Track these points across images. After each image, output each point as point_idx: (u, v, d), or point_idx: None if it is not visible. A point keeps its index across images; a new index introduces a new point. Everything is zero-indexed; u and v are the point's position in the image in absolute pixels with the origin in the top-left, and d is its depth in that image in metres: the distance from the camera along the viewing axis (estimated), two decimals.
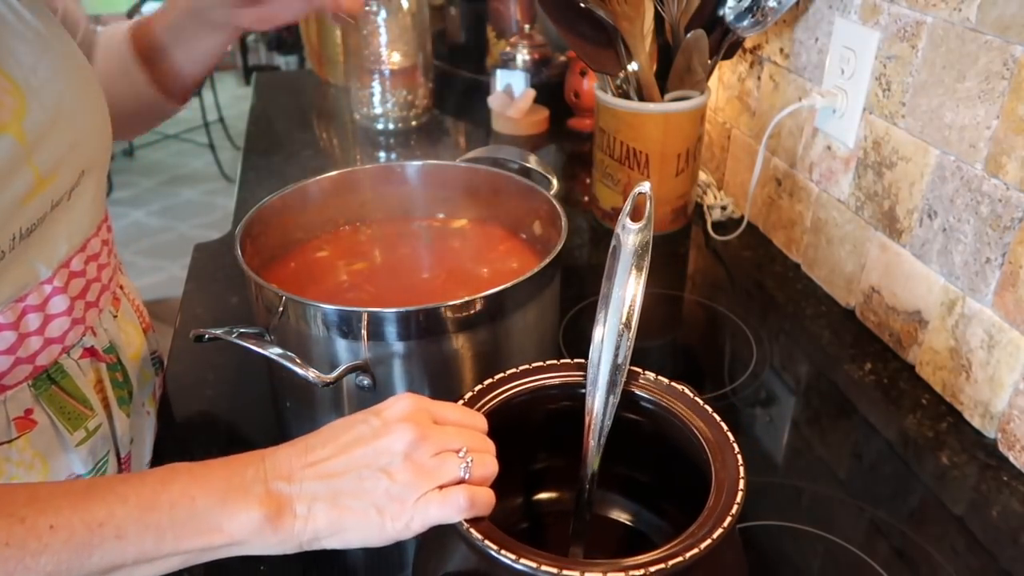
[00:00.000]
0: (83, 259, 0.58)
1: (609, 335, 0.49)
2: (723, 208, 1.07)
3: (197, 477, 0.41)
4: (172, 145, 3.75)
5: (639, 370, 0.52)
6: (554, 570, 0.38)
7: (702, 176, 1.11)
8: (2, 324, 0.51)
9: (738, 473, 0.44)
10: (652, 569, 0.38)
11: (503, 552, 0.39)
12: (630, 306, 0.49)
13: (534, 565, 0.38)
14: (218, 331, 0.57)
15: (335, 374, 0.54)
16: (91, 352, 0.59)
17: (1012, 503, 0.63)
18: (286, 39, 3.91)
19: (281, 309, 0.56)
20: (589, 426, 0.49)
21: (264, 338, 0.58)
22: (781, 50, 0.94)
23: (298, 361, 0.53)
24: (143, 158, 3.72)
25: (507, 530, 0.41)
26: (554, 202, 0.67)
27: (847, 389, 0.76)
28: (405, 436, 0.42)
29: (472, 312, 0.55)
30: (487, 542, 0.39)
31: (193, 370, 0.76)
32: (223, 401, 0.74)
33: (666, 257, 0.99)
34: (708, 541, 0.39)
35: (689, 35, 0.89)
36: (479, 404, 0.49)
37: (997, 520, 0.62)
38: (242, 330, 0.57)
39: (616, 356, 0.49)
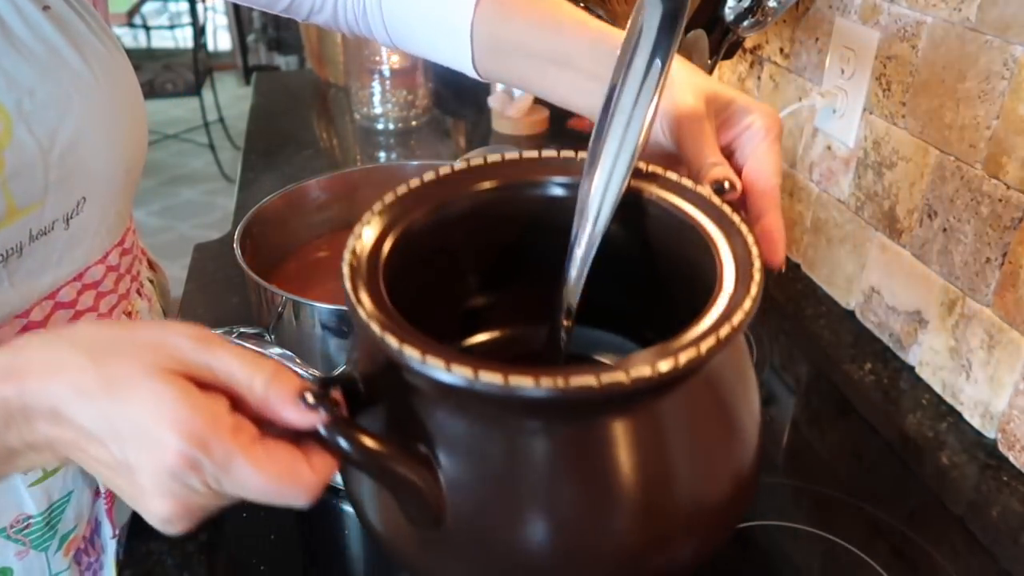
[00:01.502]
0: (76, 288, 0.53)
1: (629, 91, 0.38)
2: None
3: None
4: (172, 145, 3.75)
5: (644, 166, 0.40)
6: (499, 379, 0.28)
7: None
8: None
9: (752, 256, 0.34)
10: (632, 373, 0.28)
11: (449, 366, 0.29)
12: (663, 76, 0.38)
13: (470, 374, 0.28)
14: (218, 331, 0.57)
15: (335, 374, 0.54)
16: None
17: (1012, 503, 0.63)
18: (286, 39, 3.91)
19: (281, 309, 0.56)
20: (577, 231, 0.38)
21: (264, 338, 0.58)
22: (781, 50, 0.94)
23: (298, 361, 0.53)
24: None
25: None
26: None
27: (847, 389, 0.76)
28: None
29: None
30: (406, 347, 0.30)
31: None
32: None
33: None
34: (713, 340, 0.29)
35: (689, 35, 0.89)
36: (404, 205, 0.40)
37: (997, 520, 0.62)
38: (242, 330, 0.57)
39: (633, 117, 0.38)
